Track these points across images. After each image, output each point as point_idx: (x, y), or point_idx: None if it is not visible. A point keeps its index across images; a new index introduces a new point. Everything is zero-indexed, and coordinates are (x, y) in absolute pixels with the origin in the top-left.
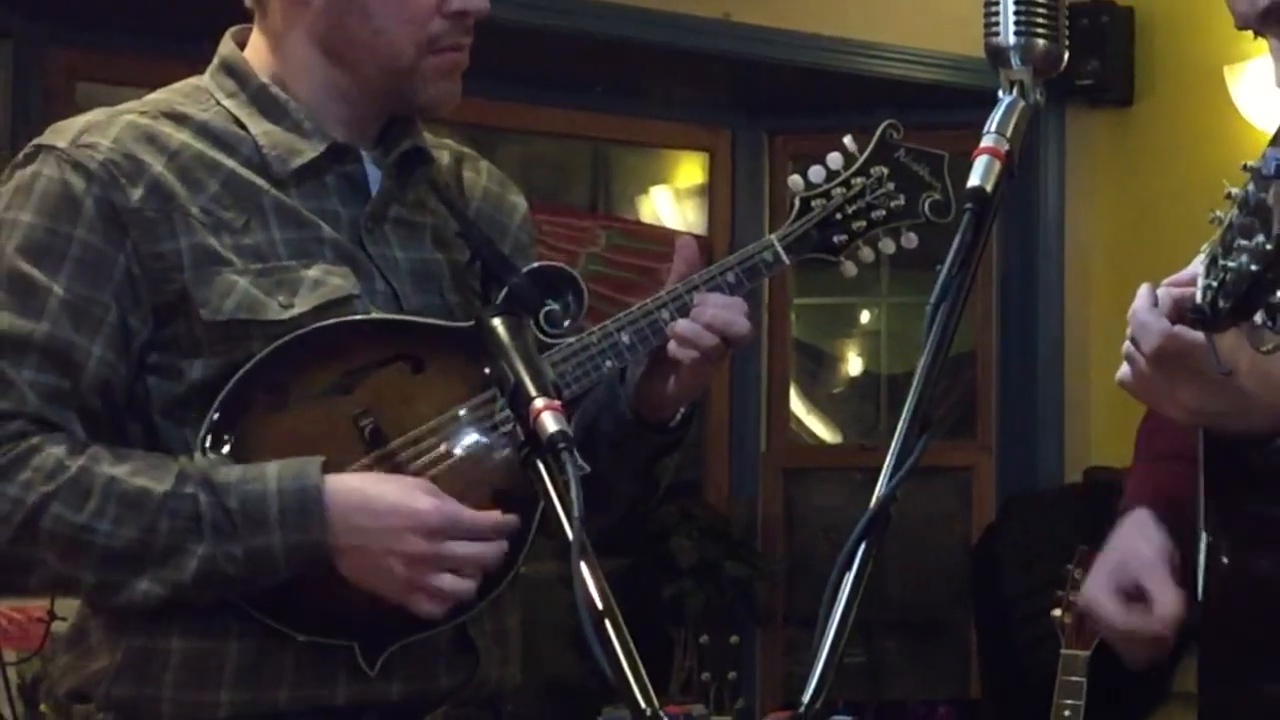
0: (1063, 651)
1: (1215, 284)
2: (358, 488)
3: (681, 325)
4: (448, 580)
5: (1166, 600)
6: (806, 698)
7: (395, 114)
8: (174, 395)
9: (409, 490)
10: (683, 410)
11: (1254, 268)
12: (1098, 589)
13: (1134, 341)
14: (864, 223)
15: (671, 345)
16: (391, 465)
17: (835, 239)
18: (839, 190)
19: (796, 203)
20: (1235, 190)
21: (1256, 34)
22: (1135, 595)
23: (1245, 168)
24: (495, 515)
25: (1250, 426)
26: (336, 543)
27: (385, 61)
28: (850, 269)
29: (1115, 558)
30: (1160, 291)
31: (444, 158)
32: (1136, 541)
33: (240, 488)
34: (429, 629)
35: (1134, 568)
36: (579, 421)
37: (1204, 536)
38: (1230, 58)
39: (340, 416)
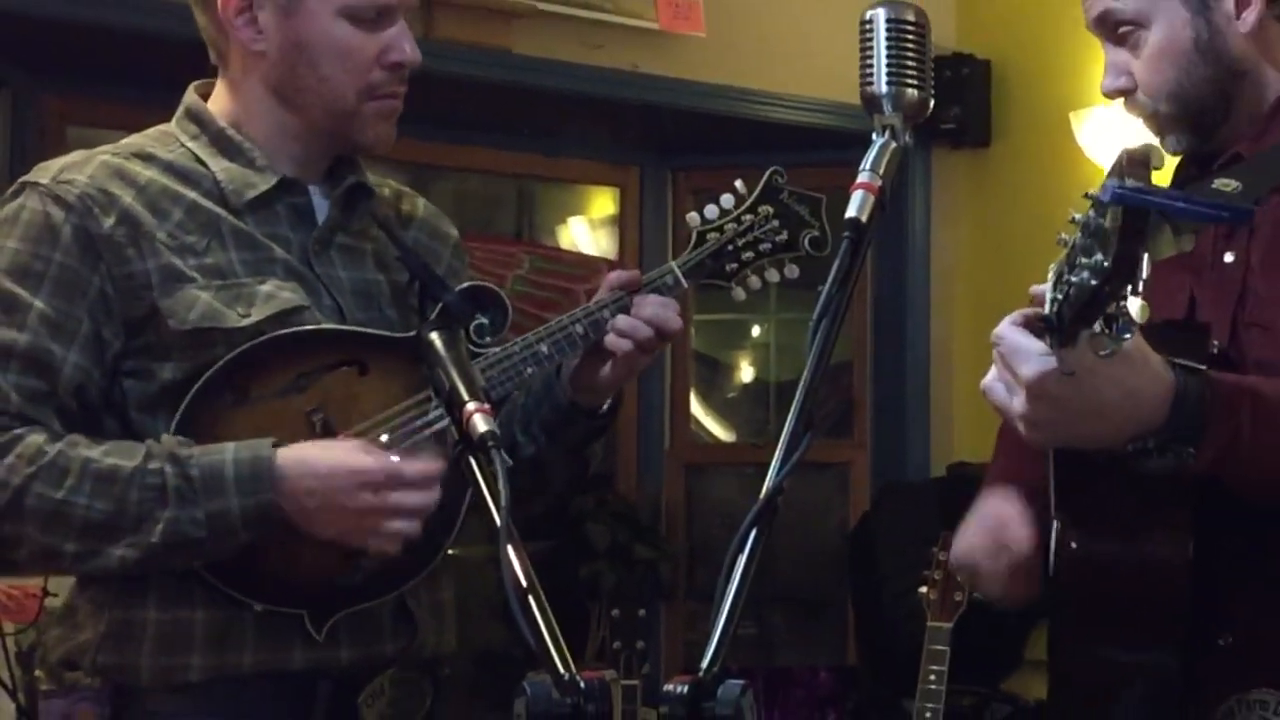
0: (929, 624)
1: (1061, 297)
2: (304, 454)
3: (622, 320)
4: (396, 524)
5: (1022, 537)
6: (705, 664)
7: (340, 153)
8: (147, 394)
9: (352, 451)
10: (610, 400)
11: (1094, 282)
12: (964, 538)
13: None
14: (752, 254)
15: (610, 337)
16: None
17: (727, 267)
18: (731, 226)
19: (694, 235)
20: (1079, 216)
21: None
22: (998, 541)
23: (1087, 195)
24: (429, 464)
25: (1119, 440)
26: (290, 504)
27: (330, 105)
28: (740, 294)
29: (979, 514)
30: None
31: (385, 193)
32: (998, 503)
33: (201, 459)
34: (371, 600)
35: (995, 515)
36: (520, 416)
37: (1055, 522)
38: (1075, 104)
39: (295, 412)
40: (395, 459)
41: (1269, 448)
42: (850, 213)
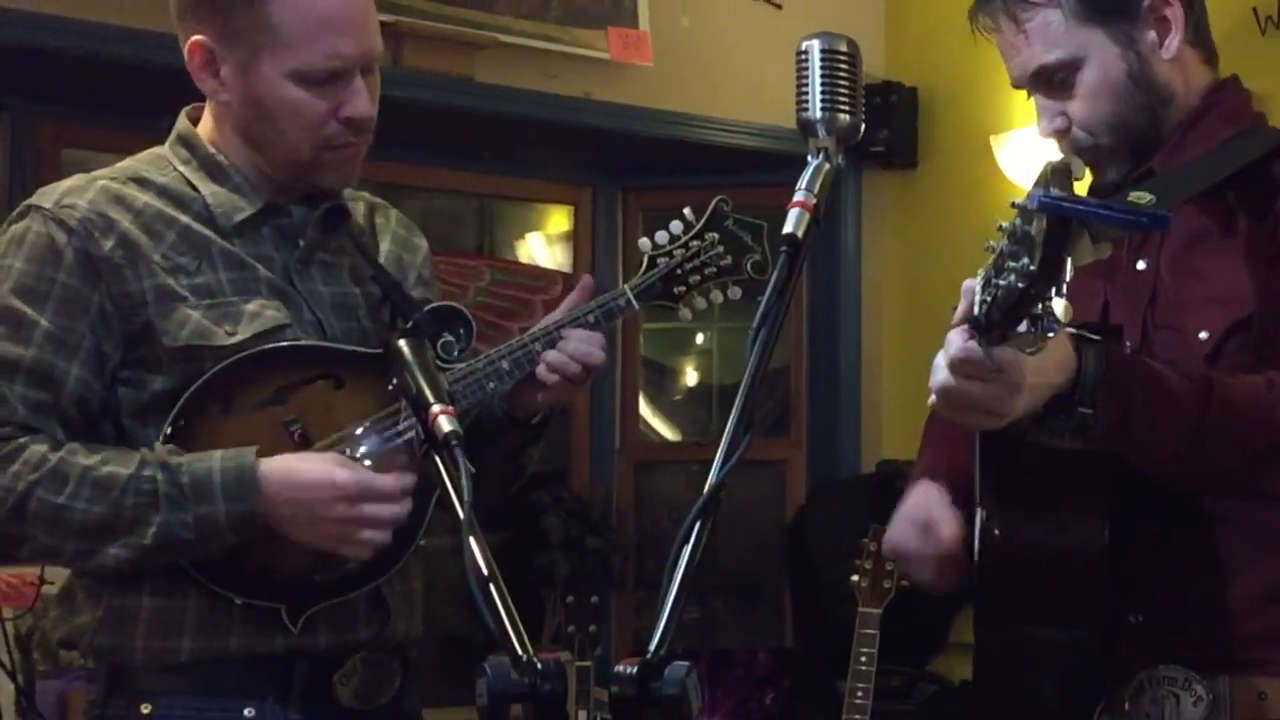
0: (860, 610)
1: (989, 300)
2: (286, 466)
3: (550, 355)
4: (368, 534)
5: (949, 524)
6: (652, 646)
7: (304, 190)
8: (140, 402)
9: (329, 465)
10: (542, 413)
11: (1020, 285)
12: (896, 527)
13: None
14: (698, 277)
15: (540, 369)
16: None
17: (675, 290)
18: (679, 251)
19: (645, 259)
20: (1005, 224)
21: (1030, 93)
22: (927, 529)
23: (1014, 204)
24: (400, 478)
25: (1034, 406)
26: (271, 511)
27: (288, 156)
28: (686, 314)
29: (909, 505)
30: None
31: (360, 208)
32: (926, 493)
33: (190, 467)
34: (344, 595)
35: (924, 508)
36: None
37: (980, 511)
38: (995, 129)
39: (275, 422)
40: (369, 474)
41: (1160, 419)
42: (787, 229)
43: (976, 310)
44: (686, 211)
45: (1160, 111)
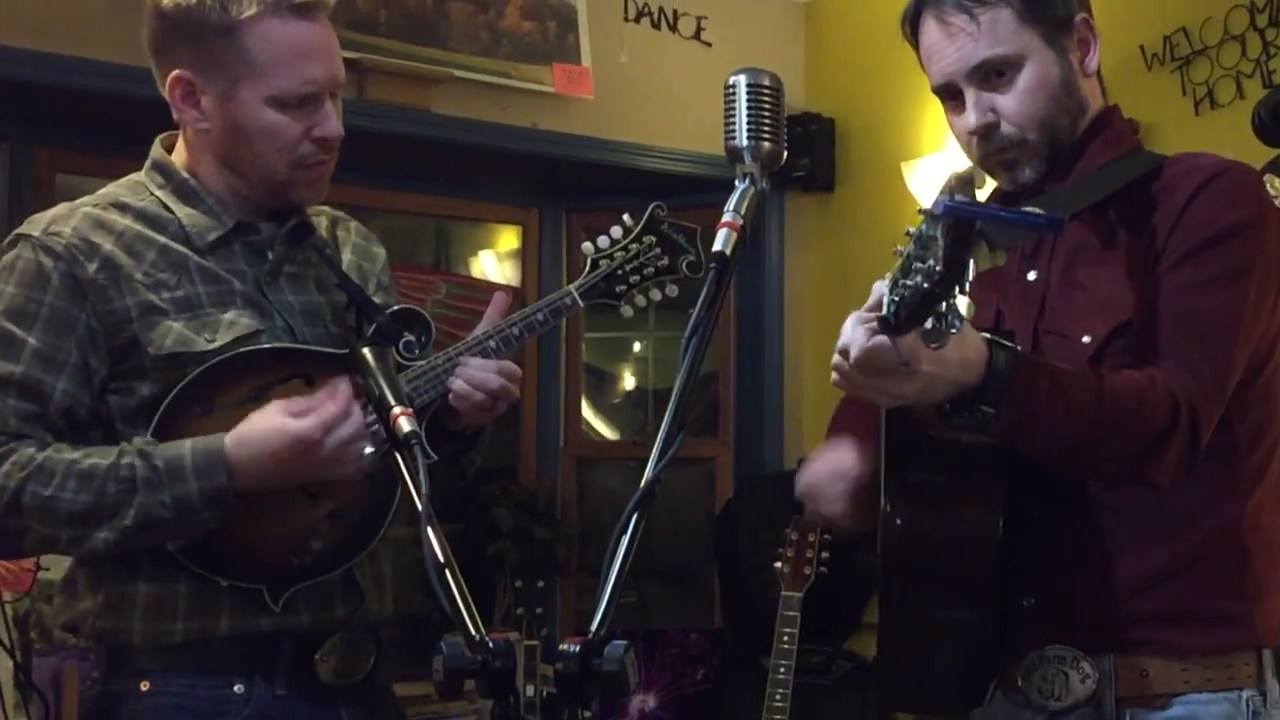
0: (782, 594)
1: (897, 299)
2: (246, 436)
3: (457, 385)
4: (348, 456)
5: (858, 465)
6: (594, 627)
7: (278, 208)
8: (129, 408)
9: (283, 420)
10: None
11: (925, 285)
12: (809, 470)
13: (843, 353)
14: (638, 277)
15: (451, 397)
16: None
17: (617, 289)
18: (620, 253)
19: (588, 262)
20: (912, 229)
21: (962, 86)
22: (836, 470)
23: (920, 211)
24: (339, 394)
25: (935, 399)
26: (254, 479)
27: (265, 175)
28: (628, 311)
29: (821, 453)
30: (858, 315)
31: (322, 222)
32: (837, 443)
33: (164, 452)
34: (318, 576)
35: (835, 452)
36: None
37: (884, 501)
38: (905, 156)
39: None
40: (320, 406)
41: (1059, 416)
42: (716, 247)
43: (885, 310)
44: (626, 217)
45: (1079, 120)
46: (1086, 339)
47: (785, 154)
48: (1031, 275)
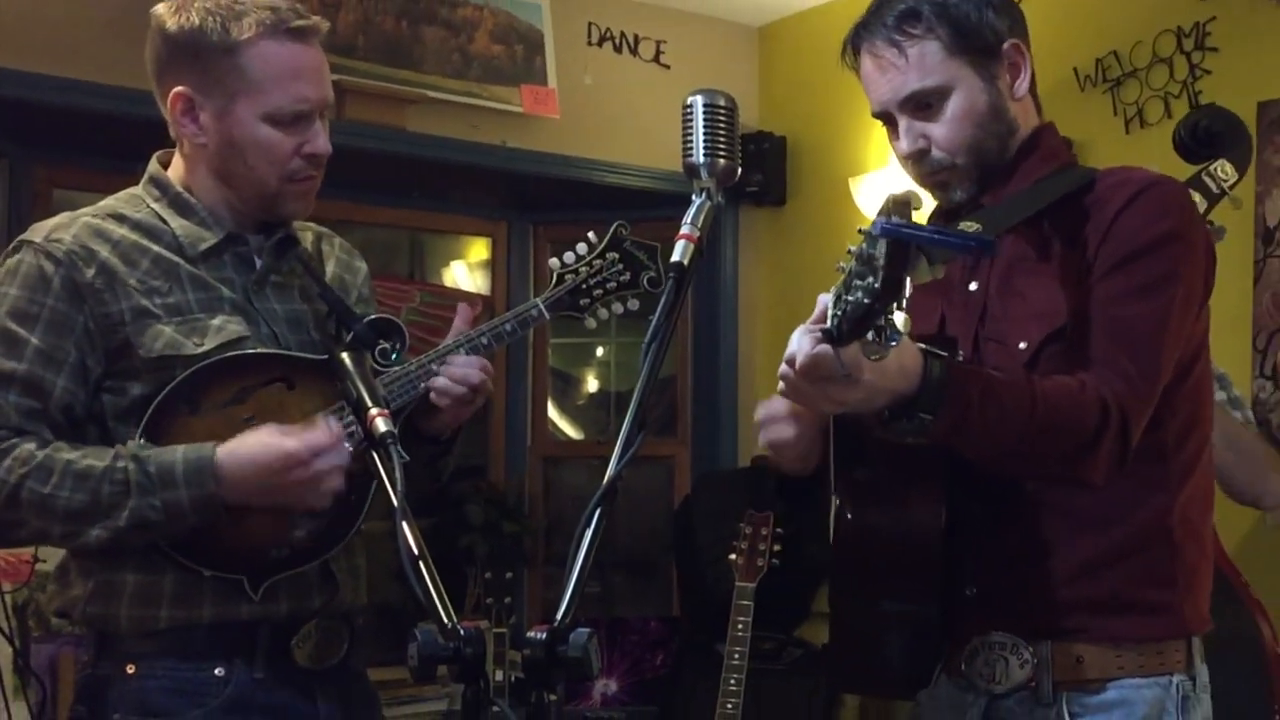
0: (737, 584)
1: (840, 313)
2: (240, 450)
3: (438, 381)
4: (325, 485)
5: (781, 408)
6: (559, 615)
7: (267, 220)
8: (121, 406)
9: (277, 438)
10: (449, 431)
11: (866, 301)
12: (765, 407)
13: (789, 363)
14: (601, 291)
15: (433, 395)
16: None
17: (581, 302)
18: (584, 268)
19: (554, 276)
20: (853, 248)
21: (896, 115)
22: (792, 413)
23: (860, 231)
24: (332, 428)
25: (875, 406)
26: (238, 491)
27: (257, 188)
28: (591, 323)
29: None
30: (804, 326)
31: (308, 237)
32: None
33: (157, 458)
34: (296, 567)
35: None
36: None
37: (834, 499)
38: (853, 172)
39: (236, 419)
40: (311, 434)
41: (992, 421)
42: (675, 258)
43: (829, 323)
44: (590, 235)
45: (1009, 142)
46: (1022, 345)
47: (739, 170)
48: (973, 286)
